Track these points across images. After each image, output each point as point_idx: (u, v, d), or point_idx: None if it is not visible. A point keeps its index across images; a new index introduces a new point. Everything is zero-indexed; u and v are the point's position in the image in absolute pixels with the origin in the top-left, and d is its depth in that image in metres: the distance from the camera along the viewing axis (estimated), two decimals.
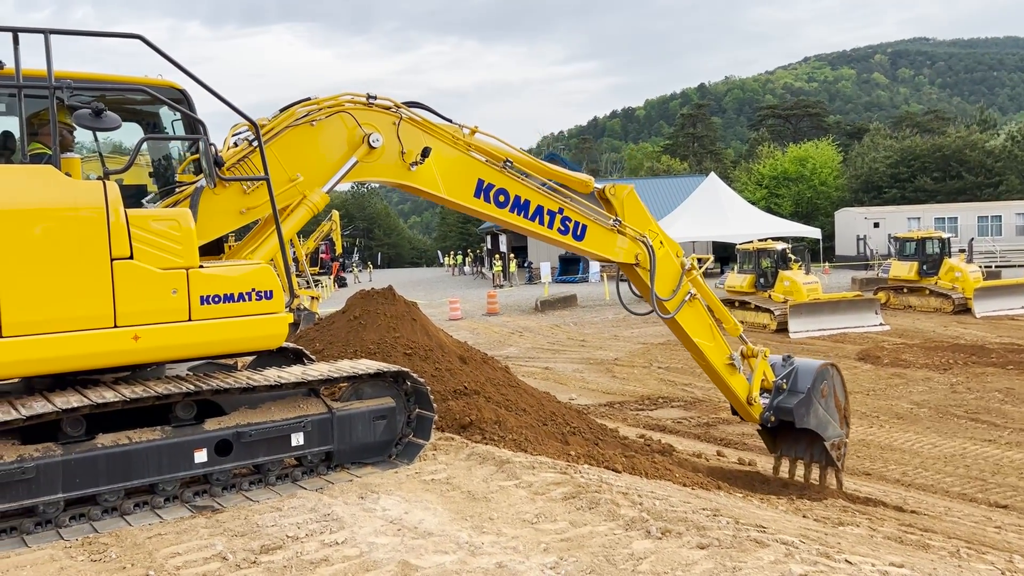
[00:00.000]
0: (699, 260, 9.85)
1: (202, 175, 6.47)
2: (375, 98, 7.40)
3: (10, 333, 5.27)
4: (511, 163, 8.22)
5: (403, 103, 7.65)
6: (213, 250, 6.85)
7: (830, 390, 10.01)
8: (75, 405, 5.35)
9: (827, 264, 47.07)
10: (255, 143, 6.68)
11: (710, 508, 6.10)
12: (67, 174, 5.58)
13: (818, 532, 6.25)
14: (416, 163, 7.53)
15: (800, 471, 10.29)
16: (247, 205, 6.70)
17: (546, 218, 8.50)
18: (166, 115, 7.35)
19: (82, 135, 6.86)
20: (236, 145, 6.99)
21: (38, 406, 5.34)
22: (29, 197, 5.36)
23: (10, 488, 5.16)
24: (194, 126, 6.65)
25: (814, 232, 42.31)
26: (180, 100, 6.75)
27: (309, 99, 7.30)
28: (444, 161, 7.82)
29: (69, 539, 5.18)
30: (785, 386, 9.81)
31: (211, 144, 6.11)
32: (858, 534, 6.78)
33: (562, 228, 8.62)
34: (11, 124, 6.58)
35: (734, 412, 10.41)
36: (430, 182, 7.77)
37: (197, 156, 6.91)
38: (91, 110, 5.61)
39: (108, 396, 5.51)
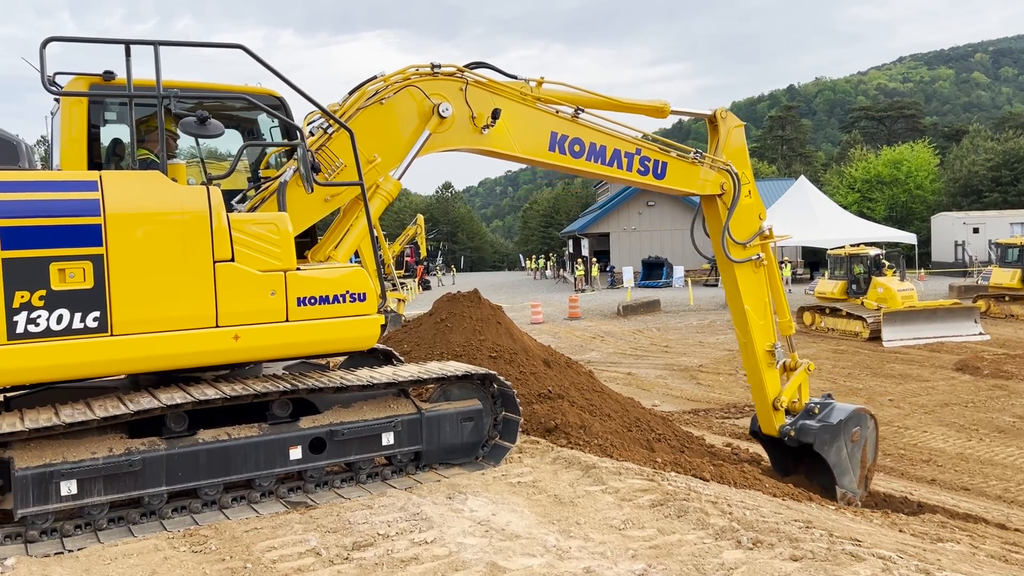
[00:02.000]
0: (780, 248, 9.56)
1: (283, 169, 6.66)
2: (439, 67, 7.41)
3: (119, 332, 5.52)
4: (582, 110, 8.12)
5: (466, 65, 7.63)
6: (305, 239, 7.02)
7: (861, 438, 9.44)
8: (179, 401, 5.57)
9: (922, 271, 45.43)
10: (330, 131, 6.83)
11: (802, 519, 5.96)
12: (173, 179, 5.83)
13: (916, 548, 6.04)
14: (488, 126, 7.53)
15: None
16: (331, 193, 6.86)
17: (624, 161, 8.40)
18: (264, 122, 7.57)
19: (183, 141, 7.15)
20: (312, 134, 7.13)
21: (144, 402, 5.58)
22: (138, 202, 5.61)
23: (118, 479, 5.42)
24: (292, 132, 6.86)
25: (909, 237, 40.86)
26: (278, 107, 6.95)
27: (376, 77, 7.37)
28: (515, 119, 7.79)
29: (172, 530, 5.39)
30: (817, 411, 9.38)
31: (308, 150, 6.28)
32: (959, 551, 6.53)
33: (642, 169, 8.52)
34: (120, 131, 6.90)
35: (752, 432, 10.00)
36: (504, 143, 7.76)
37: (279, 149, 7.07)
38: (196, 118, 5.84)
39: (210, 393, 5.72)
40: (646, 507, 5.75)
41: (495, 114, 7.50)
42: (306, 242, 7.12)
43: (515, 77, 7.93)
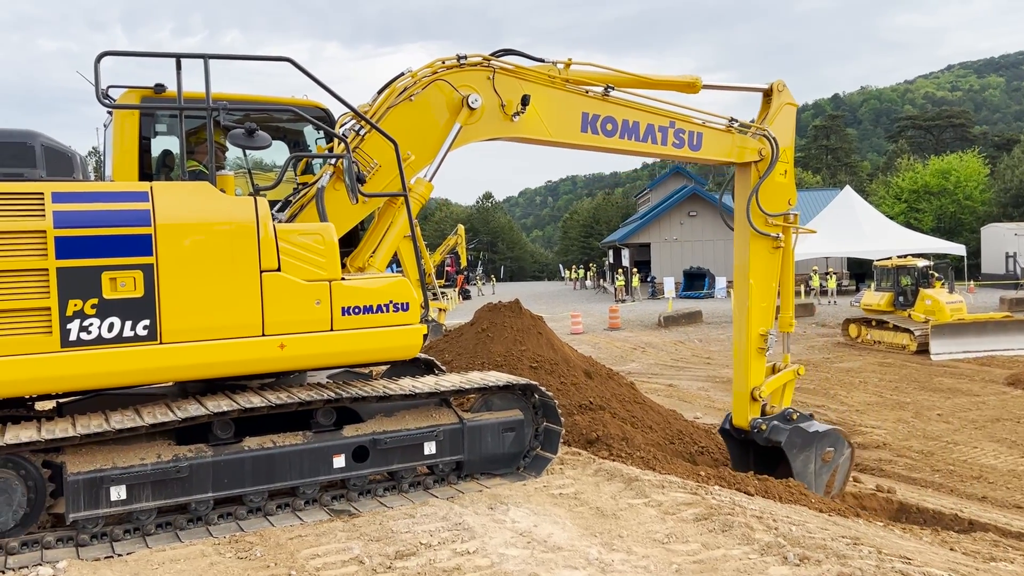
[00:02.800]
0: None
1: (320, 175, 6.71)
2: (465, 58, 7.38)
3: (168, 340, 5.62)
4: (612, 88, 8.03)
5: (492, 53, 7.59)
6: (350, 241, 7.07)
7: (833, 461, 9.19)
8: (225, 409, 5.64)
9: (972, 282, 44.48)
10: (362, 132, 6.88)
11: (849, 536, 5.85)
12: (221, 190, 5.92)
13: (968, 567, 5.89)
14: (518, 113, 7.47)
15: None
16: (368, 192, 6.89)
17: (658, 135, 8.32)
18: (310, 133, 7.67)
19: (230, 152, 7.26)
20: (346, 136, 7.16)
21: (192, 409, 5.67)
22: (188, 212, 5.71)
23: (166, 485, 5.51)
24: (336, 143, 6.92)
25: (958, 248, 40.06)
26: (323, 119, 7.04)
27: (404, 73, 7.36)
28: (545, 103, 7.73)
29: (218, 536, 5.46)
30: (794, 417, 9.21)
31: (353, 162, 6.33)
32: (1013, 571, 6.36)
33: (676, 142, 8.43)
34: (170, 143, 7.03)
35: (721, 430, 9.79)
36: (536, 128, 7.71)
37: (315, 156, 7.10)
38: (245, 129, 5.93)
39: (256, 401, 5.79)
40: (690, 521, 5.69)
41: (524, 100, 7.45)
42: (348, 250, 7.17)
43: (542, 60, 7.85)
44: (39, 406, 6.51)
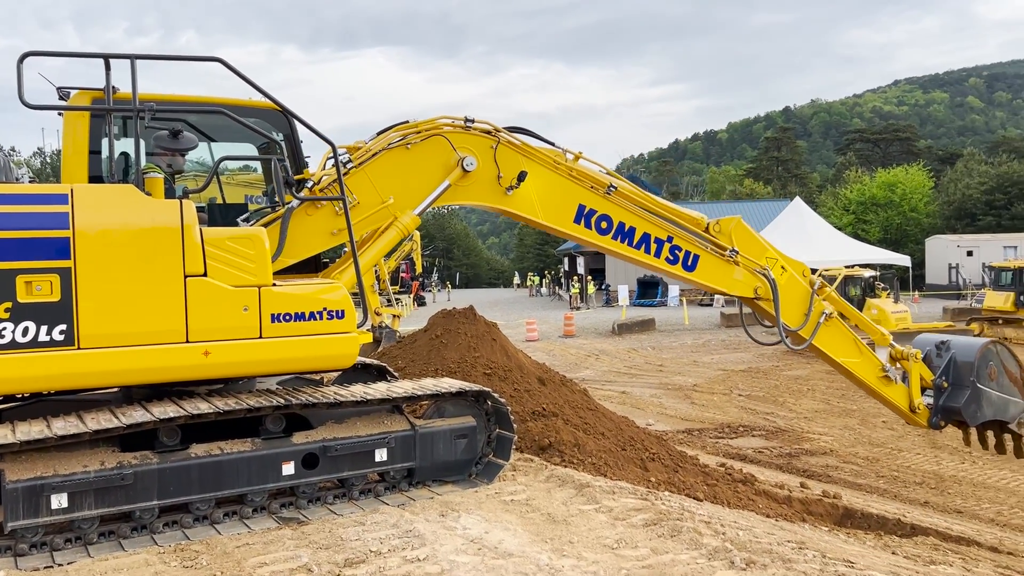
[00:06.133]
0: (826, 278, 9.06)
1: (299, 195, 6.63)
2: (473, 122, 7.37)
3: (87, 345, 5.48)
4: (615, 188, 7.91)
5: (505, 128, 7.56)
6: (310, 269, 6.99)
7: (999, 369, 8.97)
8: (171, 415, 5.55)
9: (916, 293, 45.57)
10: (349, 165, 6.84)
11: (795, 540, 5.95)
12: (148, 193, 5.77)
13: (909, 570, 6.03)
14: (512, 187, 7.45)
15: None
16: (338, 226, 6.82)
17: (653, 247, 8.12)
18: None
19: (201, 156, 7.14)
20: (278, 139, 7.07)
21: (137, 415, 5.56)
22: (108, 216, 5.57)
23: (110, 493, 5.39)
24: (270, 146, 6.82)
25: (903, 260, 41.08)
26: (278, 120, 6.95)
27: (407, 122, 7.35)
28: (543, 185, 7.68)
29: (163, 545, 5.37)
30: (946, 384, 8.94)
31: (283, 164, 6.23)
32: (951, 574, 6.53)
33: (671, 258, 8.20)
34: (127, 145, 6.86)
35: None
36: (527, 207, 7.67)
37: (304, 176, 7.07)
38: (169, 131, 5.83)
39: (203, 407, 5.70)
40: (639, 526, 5.74)
41: (521, 176, 7.43)
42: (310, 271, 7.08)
43: (553, 144, 7.83)
44: None
